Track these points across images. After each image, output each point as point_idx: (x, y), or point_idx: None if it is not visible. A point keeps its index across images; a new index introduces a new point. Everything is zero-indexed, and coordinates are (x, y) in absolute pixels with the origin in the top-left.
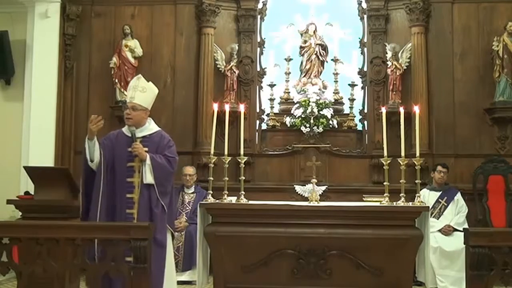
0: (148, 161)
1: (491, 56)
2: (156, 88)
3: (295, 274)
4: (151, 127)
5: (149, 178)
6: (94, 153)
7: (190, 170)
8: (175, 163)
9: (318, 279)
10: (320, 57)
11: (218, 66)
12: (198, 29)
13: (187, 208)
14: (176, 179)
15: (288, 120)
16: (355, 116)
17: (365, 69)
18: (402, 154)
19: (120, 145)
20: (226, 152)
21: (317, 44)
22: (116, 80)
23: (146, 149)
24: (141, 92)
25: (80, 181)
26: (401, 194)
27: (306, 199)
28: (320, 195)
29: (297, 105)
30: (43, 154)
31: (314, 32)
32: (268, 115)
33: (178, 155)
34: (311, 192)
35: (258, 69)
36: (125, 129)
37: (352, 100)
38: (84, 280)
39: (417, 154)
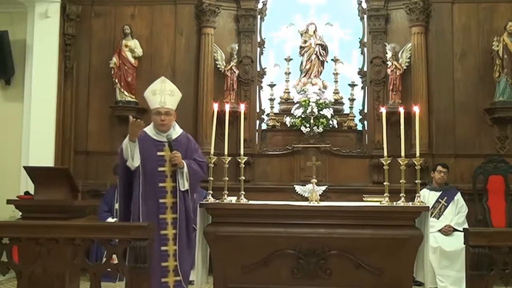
0: (185, 169)
1: (491, 56)
2: (179, 91)
3: (295, 274)
4: (176, 129)
5: (186, 185)
6: (135, 154)
7: None
8: (206, 167)
9: (318, 279)
10: (320, 57)
11: (218, 66)
12: (198, 29)
13: None
14: None
15: (288, 120)
16: (355, 116)
17: (365, 69)
18: (402, 154)
19: (148, 148)
20: (226, 152)
21: (317, 44)
22: (116, 80)
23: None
24: (170, 95)
25: (118, 185)
26: (401, 194)
27: (306, 199)
28: (320, 195)
29: (297, 105)
30: (43, 154)
31: (314, 32)
32: (268, 115)
33: None
34: (311, 192)
35: (258, 69)
36: (149, 131)
37: (352, 100)
38: (84, 280)
39: (417, 154)
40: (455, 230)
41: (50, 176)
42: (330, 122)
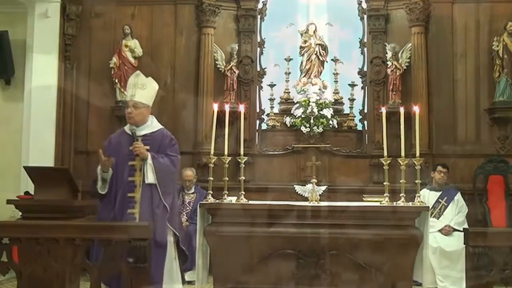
0: (149, 161)
1: (491, 56)
2: (156, 84)
3: (295, 274)
4: (153, 125)
5: (150, 178)
6: (108, 178)
7: (189, 175)
8: (178, 162)
9: (318, 279)
10: (320, 57)
11: (218, 66)
12: (198, 29)
13: (187, 208)
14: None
15: (288, 120)
16: (355, 116)
17: (365, 69)
18: (402, 154)
19: (122, 144)
20: (226, 152)
21: (317, 44)
22: (116, 80)
23: (148, 147)
24: (141, 89)
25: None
26: (401, 194)
27: (306, 199)
28: (320, 195)
29: (297, 105)
30: (43, 154)
31: (314, 32)
32: (268, 115)
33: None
34: (311, 192)
35: (258, 69)
36: (127, 127)
37: (352, 100)
38: (84, 280)
39: (417, 154)
40: (455, 230)
41: (50, 176)
42: (330, 122)
